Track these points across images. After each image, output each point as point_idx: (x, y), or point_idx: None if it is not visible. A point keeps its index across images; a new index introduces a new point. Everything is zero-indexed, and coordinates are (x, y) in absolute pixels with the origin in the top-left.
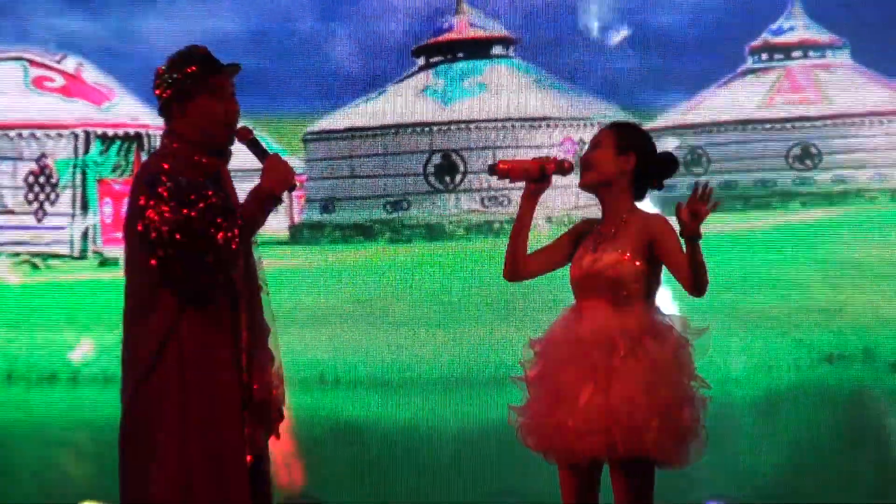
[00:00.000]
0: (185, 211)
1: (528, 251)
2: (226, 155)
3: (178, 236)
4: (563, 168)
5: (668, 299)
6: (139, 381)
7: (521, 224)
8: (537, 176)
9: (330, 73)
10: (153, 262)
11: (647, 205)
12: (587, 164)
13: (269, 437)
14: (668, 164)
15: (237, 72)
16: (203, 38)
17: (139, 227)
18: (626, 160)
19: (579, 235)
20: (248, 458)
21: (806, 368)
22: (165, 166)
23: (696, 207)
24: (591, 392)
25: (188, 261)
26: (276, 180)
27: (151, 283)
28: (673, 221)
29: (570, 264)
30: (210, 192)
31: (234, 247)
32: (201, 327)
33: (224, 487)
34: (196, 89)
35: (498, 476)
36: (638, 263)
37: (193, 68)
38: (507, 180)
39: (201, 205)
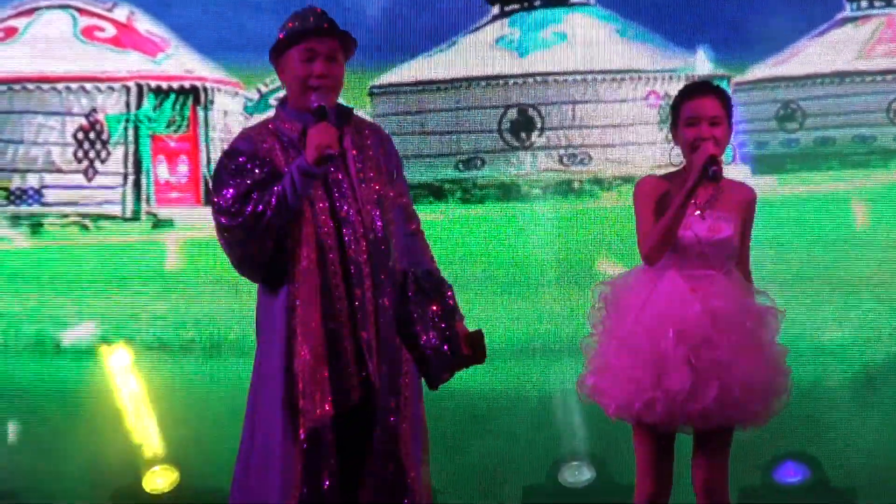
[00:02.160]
0: (225, 192)
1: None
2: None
3: (219, 218)
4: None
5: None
6: None
7: (684, 214)
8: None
9: (398, 22)
10: None
11: None
12: (716, 143)
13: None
14: None
15: (335, 34)
16: None
17: None
18: (732, 133)
19: (663, 196)
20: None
21: None
22: (234, 143)
23: None
24: (748, 363)
25: (224, 241)
26: (308, 150)
27: None
28: None
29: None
30: (254, 167)
31: (264, 222)
32: (262, 308)
33: (258, 475)
34: (286, 47)
35: (573, 443)
36: (739, 232)
37: (291, 25)
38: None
39: (236, 185)
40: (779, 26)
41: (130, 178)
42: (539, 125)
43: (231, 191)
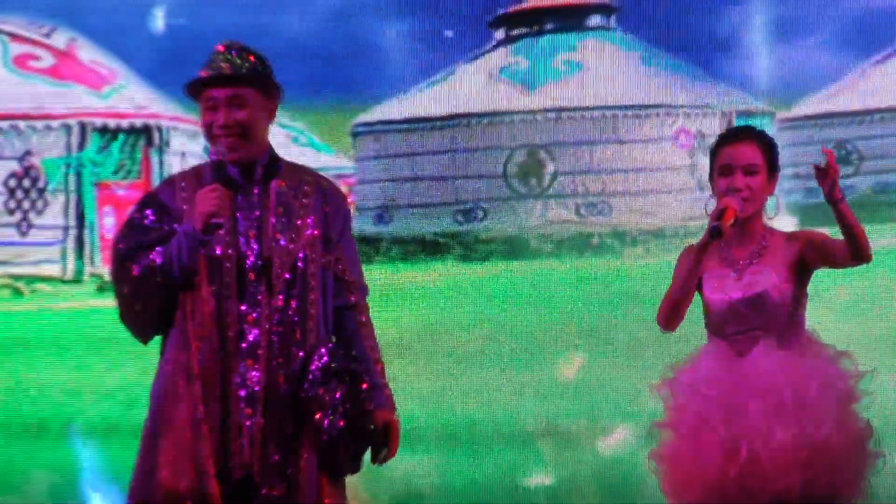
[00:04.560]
0: (119, 243)
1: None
2: (232, 172)
3: (110, 265)
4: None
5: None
6: None
7: (696, 275)
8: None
9: (385, 49)
10: None
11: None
12: (751, 194)
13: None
14: None
15: (217, 78)
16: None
17: None
18: (775, 183)
19: (697, 263)
20: None
21: None
22: (153, 189)
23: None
24: (785, 428)
25: (114, 290)
26: (196, 216)
27: None
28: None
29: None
30: (150, 223)
31: (150, 282)
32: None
33: None
34: (193, 96)
35: None
36: (797, 286)
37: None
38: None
39: (132, 237)
40: (830, 54)
41: (72, 233)
42: (550, 169)
43: (125, 245)
